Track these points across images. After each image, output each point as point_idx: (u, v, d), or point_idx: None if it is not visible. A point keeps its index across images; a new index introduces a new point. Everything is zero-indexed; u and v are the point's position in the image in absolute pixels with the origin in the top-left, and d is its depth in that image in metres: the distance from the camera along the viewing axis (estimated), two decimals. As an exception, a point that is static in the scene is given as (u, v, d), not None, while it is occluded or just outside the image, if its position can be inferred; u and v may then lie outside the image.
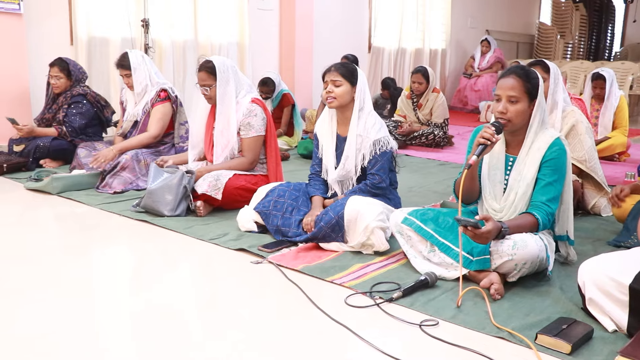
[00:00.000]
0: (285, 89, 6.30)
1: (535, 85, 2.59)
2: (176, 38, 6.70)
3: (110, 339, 2.11)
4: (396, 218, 2.79)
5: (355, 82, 3.15)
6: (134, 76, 4.32)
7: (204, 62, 3.65)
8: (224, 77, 3.61)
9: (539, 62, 3.81)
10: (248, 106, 3.65)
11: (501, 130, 2.57)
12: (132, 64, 4.31)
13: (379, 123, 3.18)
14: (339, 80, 3.12)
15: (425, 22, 10.08)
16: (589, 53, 13.47)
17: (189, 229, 3.29)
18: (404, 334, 2.15)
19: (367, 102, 3.20)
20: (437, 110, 6.39)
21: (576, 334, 2.04)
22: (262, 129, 3.67)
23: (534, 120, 2.62)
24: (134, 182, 4.14)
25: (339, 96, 3.12)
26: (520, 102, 2.56)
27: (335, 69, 3.16)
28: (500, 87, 2.60)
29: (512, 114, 2.57)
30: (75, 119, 4.82)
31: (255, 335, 2.13)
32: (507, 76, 2.60)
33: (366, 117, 3.17)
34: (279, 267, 2.74)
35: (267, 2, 7.64)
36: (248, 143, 3.66)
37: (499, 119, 2.59)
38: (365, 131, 3.14)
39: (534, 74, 2.62)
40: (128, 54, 4.37)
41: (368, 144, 3.12)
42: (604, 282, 2.13)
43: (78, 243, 3.15)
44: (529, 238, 2.46)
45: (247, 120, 3.63)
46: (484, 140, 2.50)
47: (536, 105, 2.60)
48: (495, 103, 2.62)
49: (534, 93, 2.59)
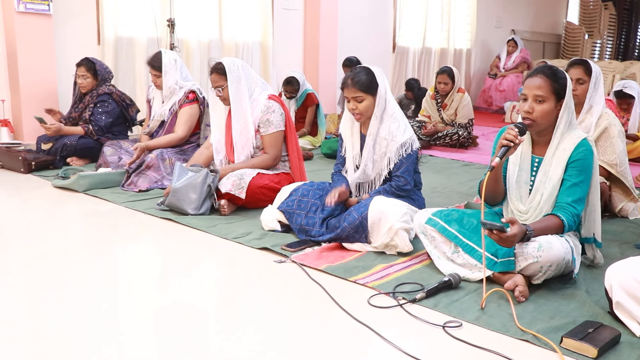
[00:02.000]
0: (310, 88, 6.31)
1: (563, 85, 2.55)
2: (201, 38, 6.75)
3: (132, 336, 2.13)
4: (420, 219, 2.77)
5: (376, 90, 3.10)
6: (164, 79, 4.36)
7: (214, 65, 3.68)
8: (235, 77, 3.63)
9: (581, 61, 3.69)
10: (265, 102, 3.66)
11: (525, 132, 2.54)
12: (164, 67, 4.34)
13: (403, 124, 3.13)
14: (360, 95, 3.07)
15: (450, 21, 10.01)
16: (618, 52, 13.25)
17: (213, 227, 3.31)
18: (427, 335, 2.14)
19: (390, 104, 3.14)
20: (462, 110, 6.34)
21: (603, 338, 2.01)
22: (282, 124, 3.68)
23: (561, 121, 2.58)
24: (159, 180, 4.17)
25: (364, 112, 3.09)
26: (547, 102, 2.53)
27: (353, 84, 3.07)
28: (527, 87, 2.57)
29: (538, 113, 2.53)
30: (101, 118, 4.88)
31: (277, 335, 2.13)
32: (535, 75, 2.57)
33: (390, 119, 3.12)
34: (302, 267, 2.74)
35: (291, 2, 7.66)
36: (269, 139, 3.67)
37: (524, 118, 2.56)
38: (390, 135, 3.10)
39: (562, 74, 2.58)
40: (162, 54, 4.39)
41: (394, 147, 3.09)
42: (632, 285, 2.10)
43: (103, 240, 3.19)
44: (554, 240, 2.42)
45: (265, 117, 3.64)
46: (507, 142, 2.47)
47: (563, 106, 2.56)
48: (522, 102, 2.59)
49: (562, 93, 2.55)
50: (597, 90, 3.61)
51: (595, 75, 3.60)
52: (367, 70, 3.13)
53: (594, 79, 3.59)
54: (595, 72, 3.61)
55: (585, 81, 3.59)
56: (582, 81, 3.60)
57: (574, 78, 3.61)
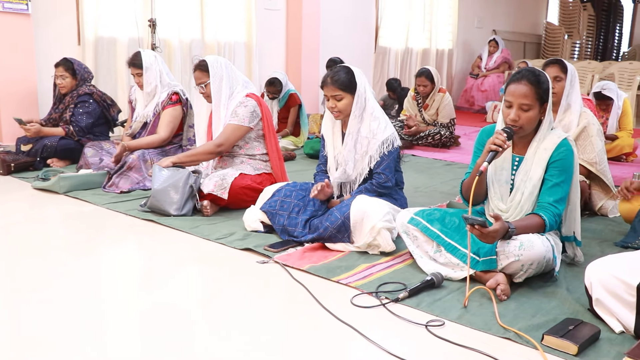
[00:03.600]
0: (292, 89, 6.30)
1: (546, 89, 2.56)
2: (183, 38, 6.71)
3: (115, 338, 2.12)
4: (402, 218, 2.78)
5: (355, 89, 3.10)
6: (145, 76, 4.33)
7: (198, 62, 3.71)
8: (217, 74, 3.64)
9: (557, 61, 3.76)
10: (242, 99, 3.67)
11: (512, 137, 2.56)
12: (144, 63, 4.32)
13: (383, 122, 3.14)
14: (339, 94, 3.08)
15: (432, 22, 10.07)
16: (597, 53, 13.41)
17: (195, 228, 3.30)
18: (410, 335, 2.15)
19: (370, 102, 3.15)
20: (444, 110, 6.38)
21: (583, 335, 2.03)
22: (246, 121, 3.65)
23: (545, 123, 2.60)
24: (141, 182, 4.14)
25: (343, 110, 3.10)
26: (533, 109, 2.54)
27: (332, 82, 3.08)
28: (512, 94, 2.55)
29: (524, 121, 2.55)
30: (82, 119, 4.84)
31: (261, 335, 2.13)
32: (519, 82, 2.54)
33: (370, 117, 3.13)
34: (285, 267, 2.74)
35: (274, 2, 7.65)
36: (225, 128, 3.65)
37: (510, 125, 2.56)
38: (372, 133, 3.11)
39: (544, 77, 2.59)
40: (141, 53, 4.38)
41: (376, 145, 3.10)
42: (611, 283, 2.12)
43: (85, 242, 3.16)
44: (535, 239, 2.45)
45: (235, 109, 3.65)
46: (496, 147, 2.48)
47: (547, 109, 2.59)
48: (506, 109, 2.58)
49: (545, 97, 2.57)
50: (574, 88, 3.67)
51: (570, 73, 3.66)
52: (347, 69, 3.13)
53: (569, 77, 3.65)
54: (570, 70, 3.67)
55: (562, 79, 3.65)
56: (559, 79, 3.65)
57: (551, 76, 3.65)
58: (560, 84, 3.65)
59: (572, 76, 3.66)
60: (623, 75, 9.56)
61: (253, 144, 3.76)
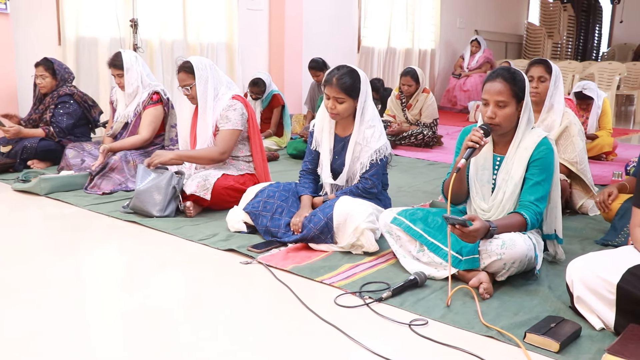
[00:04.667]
0: (276, 89, 6.30)
1: (522, 87, 2.60)
2: (165, 38, 6.68)
3: (99, 340, 2.10)
4: (385, 218, 2.79)
5: (358, 95, 3.06)
6: (126, 76, 4.30)
7: (182, 63, 3.67)
8: (203, 75, 3.62)
9: (542, 61, 3.79)
10: (228, 102, 3.65)
11: (489, 133, 2.58)
12: (125, 64, 4.29)
13: (378, 131, 3.11)
14: (342, 97, 3.03)
15: (414, 22, 10.11)
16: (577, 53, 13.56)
17: (178, 229, 3.28)
18: (394, 334, 2.16)
19: (369, 109, 3.12)
20: (427, 110, 6.41)
21: (564, 333, 2.06)
22: (239, 124, 3.65)
23: (522, 121, 2.63)
24: (123, 183, 4.12)
25: (341, 112, 3.07)
26: (509, 106, 2.57)
27: (337, 85, 3.01)
28: (487, 92, 2.59)
29: (501, 118, 2.58)
30: (63, 119, 4.79)
31: (245, 336, 2.12)
32: (494, 80, 2.59)
33: (366, 124, 3.10)
34: (268, 268, 2.74)
35: (256, 3, 7.63)
36: (222, 134, 3.63)
37: (488, 123, 2.59)
38: (365, 140, 3.10)
39: (520, 76, 2.62)
40: (121, 53, 4.34)
41: (368, 152, 3.09)
42: (592, 280, 2.15)
43: (66, 244, 3.13)
44: (517, 237, 2.46)
45: (225, 114, 3.63)
46: (473, 143, 2.51)
47: (524, 107, 2.61)
48: (483, 107, 2.62)
49: (521, 95, 2.60)
50: (558, 89, 3.70)
51: (555, 74, 3.69)
52: (354, 73, 3.07)
53: (554, 78, 3.69)
54: (555, 71, 3.71)
55: (547, 79, 3.68)
56: (543, 79, 3.68)
57: (535, 76, 3.69)
58: (545, 84, 3.68)
59: (556, 77, 3.70)
60: (603, 75, 9.68)
61: (237, 145, 3.75)
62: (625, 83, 9.90)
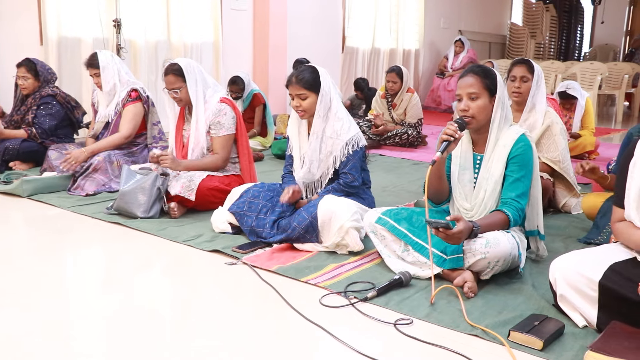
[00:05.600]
0: (256, 88, 6.28)
1: (493, 81, 2.64)
2: (149, 38, 6.64)
3: (82, 342, 2.08)
4: (370, 218, 2.80)
5: (319, 88, 3.11)
6: (102, 75, 4.27)
7: (170, 65, 3.63)
8: (193, 78, 3.60)
9: (524, 61, 3.82)
10: (217, 106, 3.64)
11: (464, 127, 2.61)
12: (101, 63, 4.26)
13: (347, 122, 3.15)
14: (304, 93, 3.09)
15: (398, 22, 10.14)
16: (560, 53, 13.68)
17: (163, 230, 3.27)
18: (379, 333, 2.16)
19: (334, 103, 3.16)
20: (411, 110, 6.43)
21: (548, 330, 2.07)
22: (233, 128, 3.67)
23: (496, 115, 2.66)
24: (107, 183, 4.09)
25: (307, 109, 3.11)
26: (481, 97, 2.61)
27: (297, 81, 3.10)
28: (460, 87, 2.66)
29: (475, 110, 2.61)
30: (45, 120, 4.75)
31: (230, 337, 2.12)
32: (465, 75, 2.66)
33: (334, 117, 3.14)
34: (253, 268, 2.73)
35: (240, 2, 7.61)
36: (220, 141, 3.65)
37: (462, 117, 2.62)
38: (335, 133, 3.12)
39: (492, 72, 2.67)
40: (97, 53, 4.32)
41: (340, 145, 3.11)
42: (575, 278, 2.17)
43: (50, 246, 3.10)
44: (501, 236, 2.48)
45: (217, 119, 3.62)
46: (447, 137, 2.53)
47: (497, 101, 2.64)
48: (458, 103, 2.67)
49: (494, 89, 2.63)
50: (540, 89, 3.73)
51: (537, 74, 3.72)
52: (311, 69, 3.15)
53: (536, 77, 3.72)
54: (537, 71, 3.74)
55: (529, 79, 3.71)
56: (525, 79, 3.71)
57: (518, 76, 3.72)
58: (527, 84, 3.71)
59: (538, 77, 3.73)
60: (585, 75, 9.77)
61: None
62: (606, 83, 10.00)
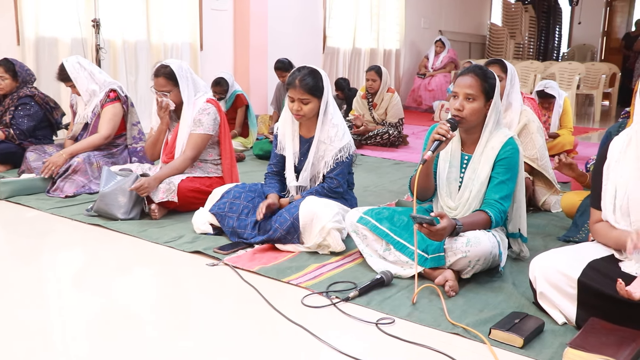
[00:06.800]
0: (239, 89, 6.26)
1: (492, 85, 2.64)
2: (128, 38, 6.59)
3: (63, 345, 2.06)
4: (352, 218, 2.80)
5: (322, 94, 3.08)
6: (78, 86, 4.24)
7: (161, 68, 3.58)
8: (184, 82, 3.58)
9: (497, 61, 3.86)
10: (202, 105, 3.62)
11: (456, 127, 2.62)
12: (71, 75, 4.21)
13: (342, 129, 3.13)
14: (307, 98, 3.03)
15: (379, 22, 10.16)
16: (539, 53, 13.79)
17: (144, 232, 3.24)
18: (361, 333, 2.17)
19: (331, 108, 3.13)
20: (392, 110, 6.45)
21: (528, 328, 2.09)
22: (211, 129, 3.63)
23: (489, 120, 2.67)
24: (87, 185, 4.05)
25: (307, 113, 3.07)
26: (477, 100, 2.61)
27: (301, 86, 3.01)
28: (458, 85, 2.64)
29: (468, 111, 2.61)
30: (23, 122, 4.69)
31: (212, 338, 2.11)
32: (466, 74, 2.64)
33: (329, 123, 3.12)
34: (234, 269, 2.72)
35: (221, 3, 7.59)
36: (193, 139, 3.60)
37: (454, 115, 2.63)
38: (329, 139, 3.11)
39: (492, 75, 2.67)
40: (64, 65, 4.26)
41: (333, 152, 3.10)
42: (554, 276, 2.19)
43: (28, 249, 3.07)
44: (482, 235, 2.50)
45: (198, 117, 3.60)
46: (439, 136, 2.53)
47: (492, 106, 2.65)
48: (452, 100, 2.66)
49: (491, 93, 2.64)
50: (514, 87, 3.78)
51: (510, 73, 3.77)
52: (315, 73, 3.08)
53: (509, 76, 3.76)
54: (510, 70, 3.78)
55: (503, 78, 3.75)
56: (500, 78, 3.74)
57: None
58: (501, 83, 3.75)
59: (512, 75, 3.77)
60: (563, 75, 9.88)
61: (207, 150, 3.71)
62: (584, 83, 10.11)
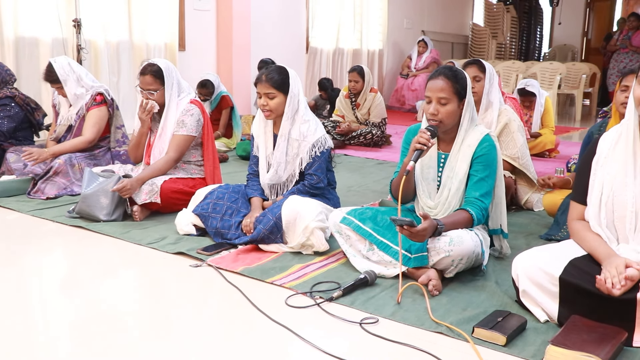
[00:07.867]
0: (224, 91, 6.25)
1: (463, 85, 2.65)
2: (110, 39, 6.53)
3: (46, 348, 2.04)
4: (335, 218, 2.80)
5: (288, 89, 3.11)
6: (66, 88, 4.20)
7: (148, 66, 3.57)
8: (170, 82, 3.57)
9: (475, 61, 3.89)
10: (186, 106, 3.60)
11: (436, 134, 2.63)
12: (61, 77, 4.17)
13: (314, 125, 3.16)
14: (272, 92, 3.08)
15: (362, 22, 10.19)
16: (520, 53, 13.90)
17: (126, 233, 3.22)
18: (345, 333, 2.17)
19: (302, 105, 3.16)
20: (375, 110, 6.47)
21: (511, 326, 2.11)
22: (194, 130, 3.61)
23: (464, 119, 2.69)
24: (68, 187, 4.01)
25: (274, 109, 3.10)
26: (450, 103, 2.62)
27: (266, 80, 3.08)
28: (430, 89, 2.64)
29: (444, 115, 2.62)
30: (3, 123, 4.62)
31: (196, 339, 2.10)
32: (436, 78, 2.64)
33: (300, 119, 3.14)
34: (218, 270, 2.71)
35: (203, 3, 7.56)
36: (176, 140, 3.58)
37: (430, 120, 2.64)
38: (302, 135, 3.13)
39: (462, 74, 2.68)
40: (53, 65, 4.21)
41: (306, 147, 3.11)
42: (536, 274, 2.21)
43: (10, 251, 3.03)
44: (464, 234, 2.51)
45: (181, 118, 3.58)
46: (420, 145, 2.54)
47: (465, 105, 2.67)
48: (426, 105, 2.67)
49: (463, 93, 2.65)
50: (493, 86, 3.81)
51: (489, 72, 3.80)
52: (282, 70, 3.15)
53: (488, 76, 3.79)
54: (488, 69, 3.81)
55: (482, 78, 3.78)
56: (478, 78, 3.78)
57: (471, 76, 3.77)
58: (480, 83, 3.78)
59: (490, 75, 3.80)
60: (545, 75, 9.97)
61: (190, 151, 3.69)
62: (565, 83, 10.21)
